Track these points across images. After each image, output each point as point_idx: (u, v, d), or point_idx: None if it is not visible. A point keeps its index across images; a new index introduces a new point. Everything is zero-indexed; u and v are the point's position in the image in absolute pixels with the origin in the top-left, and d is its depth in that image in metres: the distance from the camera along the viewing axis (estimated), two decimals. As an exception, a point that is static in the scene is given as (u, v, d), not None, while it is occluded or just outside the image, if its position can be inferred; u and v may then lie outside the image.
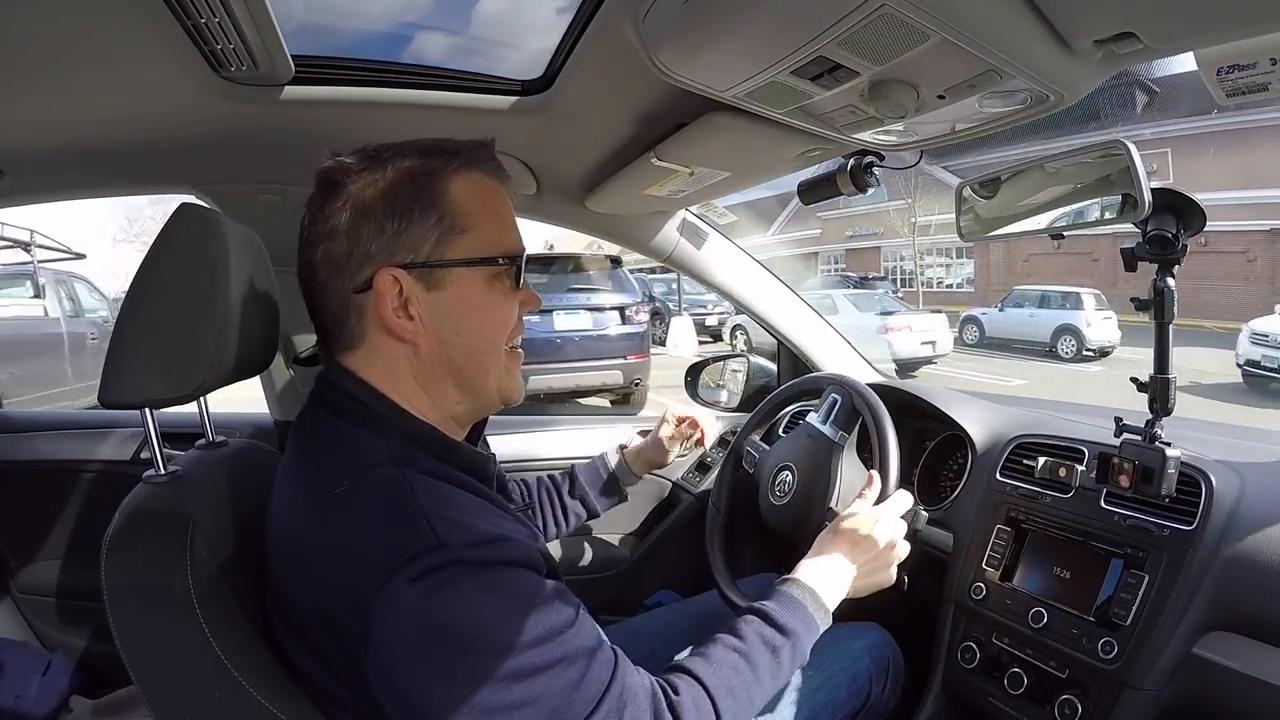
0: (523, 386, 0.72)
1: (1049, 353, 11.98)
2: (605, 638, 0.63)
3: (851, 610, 1.10)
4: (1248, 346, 8.87)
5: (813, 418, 1.11)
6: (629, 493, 1.19)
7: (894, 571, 0.85)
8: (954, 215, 0.99)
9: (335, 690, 0.60)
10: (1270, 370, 8.71)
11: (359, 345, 0.65)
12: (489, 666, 0.53)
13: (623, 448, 1.19)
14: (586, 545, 1.58)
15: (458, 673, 0.53)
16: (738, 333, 12.33)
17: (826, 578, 0.79)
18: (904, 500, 0.90)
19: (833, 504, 0.99)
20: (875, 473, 0.93)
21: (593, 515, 1.16)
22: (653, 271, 13.32)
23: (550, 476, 1.17)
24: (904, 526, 0.87)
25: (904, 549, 0.86)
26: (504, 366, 0.68)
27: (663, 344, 6.68)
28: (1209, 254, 14.08)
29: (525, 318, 0.72)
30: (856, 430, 1.06)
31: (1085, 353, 11.71)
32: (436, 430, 0.65)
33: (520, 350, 0.71)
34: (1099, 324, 11.84)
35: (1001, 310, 13.36)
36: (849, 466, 1.04)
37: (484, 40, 1.07)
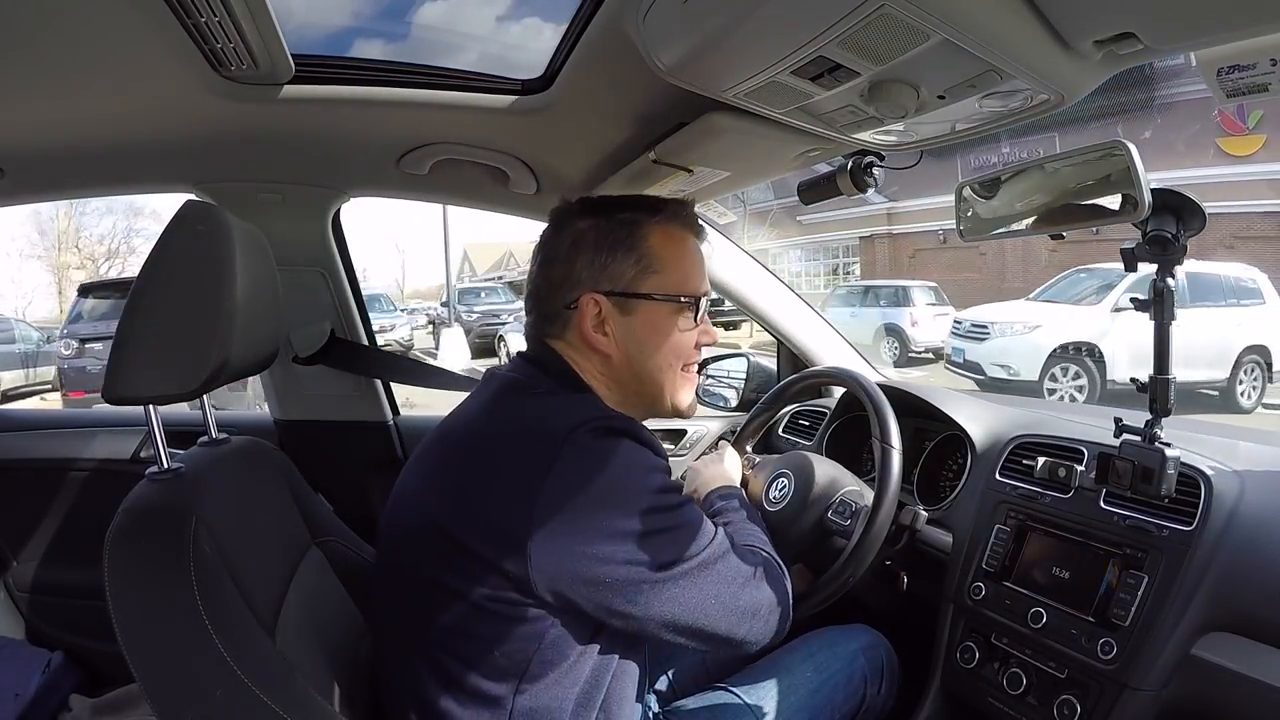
0: (695, 401, 0.86)
1: (875, 356, 10.31)
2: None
3: (851, 610, 1.10)
4: (949, 337, 7.50)
5: None
6: None
7: (728, 469, 1.04)
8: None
9: (471, 585, 0.67)
10: (955, 365, 7.21)
11: (561, 341, 0.80)
12: (630, 490, 0.68)
13: None
14: None
15: (612, 485, 0.68)
16: (500, 343, 12.39)
17: (709, 484, 1.00)
18: (723, 446, 1.12)
19: (829, 513, 1.02)
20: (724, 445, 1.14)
21: None
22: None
23: None
24: (728, 454, 1.08)
25: (732, 458, 1.08)
26: (678, 383, 0.83)
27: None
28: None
29: None
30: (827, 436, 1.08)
31: (913, 354, 9.79)
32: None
33: (694, 371, 0.86)
34: (928, 322, 9.84)
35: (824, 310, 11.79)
36: (831, 470, 1.07)
37: (484, 39, 1.07)
